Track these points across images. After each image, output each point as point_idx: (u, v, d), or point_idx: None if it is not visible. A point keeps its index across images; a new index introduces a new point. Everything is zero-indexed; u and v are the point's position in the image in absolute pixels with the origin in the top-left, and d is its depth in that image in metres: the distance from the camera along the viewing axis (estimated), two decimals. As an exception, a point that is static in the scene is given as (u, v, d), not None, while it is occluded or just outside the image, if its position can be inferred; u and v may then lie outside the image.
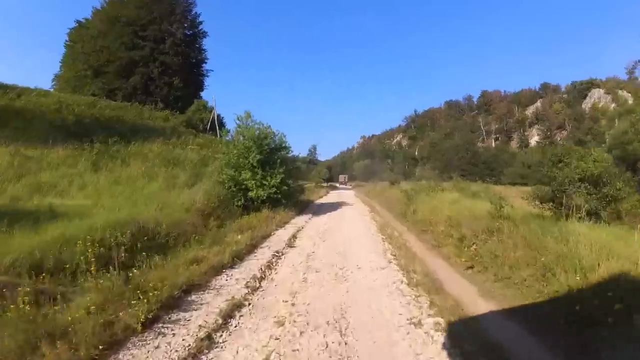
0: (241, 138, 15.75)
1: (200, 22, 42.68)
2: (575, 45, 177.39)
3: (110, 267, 5.71)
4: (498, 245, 6.98)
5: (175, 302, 5.25)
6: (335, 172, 78.55)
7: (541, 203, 8.43)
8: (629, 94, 75.55)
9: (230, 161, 15.03)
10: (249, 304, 5.30)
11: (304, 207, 19.07)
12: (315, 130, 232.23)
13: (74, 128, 20.12)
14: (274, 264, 7.47)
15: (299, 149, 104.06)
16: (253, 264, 7.30)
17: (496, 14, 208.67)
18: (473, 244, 7.28)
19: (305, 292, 5.67)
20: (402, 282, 6.13)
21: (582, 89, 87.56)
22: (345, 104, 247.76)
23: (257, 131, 15.70)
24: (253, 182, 14.31)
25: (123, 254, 6.61)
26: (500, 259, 6.41)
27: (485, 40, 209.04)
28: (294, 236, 10.59)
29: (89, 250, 5.83)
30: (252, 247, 8.74)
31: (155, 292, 4.95)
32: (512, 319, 4.66)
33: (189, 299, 5.46)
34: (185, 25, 40.66)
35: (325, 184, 52.79)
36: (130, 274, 5.56)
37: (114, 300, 4.85)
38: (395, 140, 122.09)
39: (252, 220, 12.06)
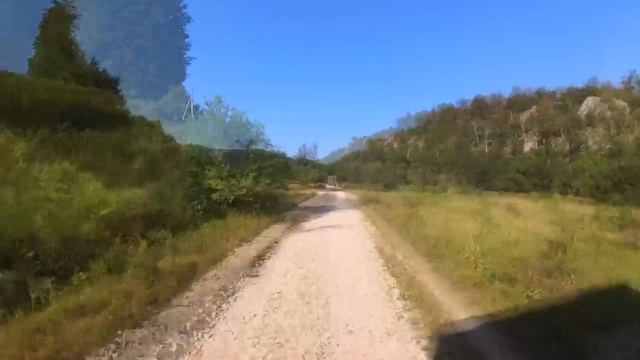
0: (209, 126, 12.88)
1: (184, 6, 39.58)
2: (571, 51, 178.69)
3: None
4: (577, 298, 4.26)
5: None
6: (325, 172, 76.09)
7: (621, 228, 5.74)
8: (625, 103, 74.66)
9: (192, 154, 12.16)
10: None
11: (284, 212, 16.19)
12: (309, 131, 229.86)
13: (26, 113, 17.07)
14: (211, 317, 4.55)
15: (292, 149, 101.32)
16: (174, 319, 4.40)
17: (495, 15, 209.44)
18: (536, 293, 4.53)
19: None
20: (428, 374, 3.35)
21: (577, 96, 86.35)
22: (338, 104, 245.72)
23: (229, 119, 12.83)
24: (218, 180, 11.44)
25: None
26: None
27: (482, 43, 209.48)
28: (260, 258, 7.66)
29: None
30: (188, 279, 5.81)
31: None
32: None
33: None
34: (167, 7, 37.41)
35: (313, 185, 50.22)
36: None
37: None
38: (386, 142, 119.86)
39: (208, 232, 9.21)
